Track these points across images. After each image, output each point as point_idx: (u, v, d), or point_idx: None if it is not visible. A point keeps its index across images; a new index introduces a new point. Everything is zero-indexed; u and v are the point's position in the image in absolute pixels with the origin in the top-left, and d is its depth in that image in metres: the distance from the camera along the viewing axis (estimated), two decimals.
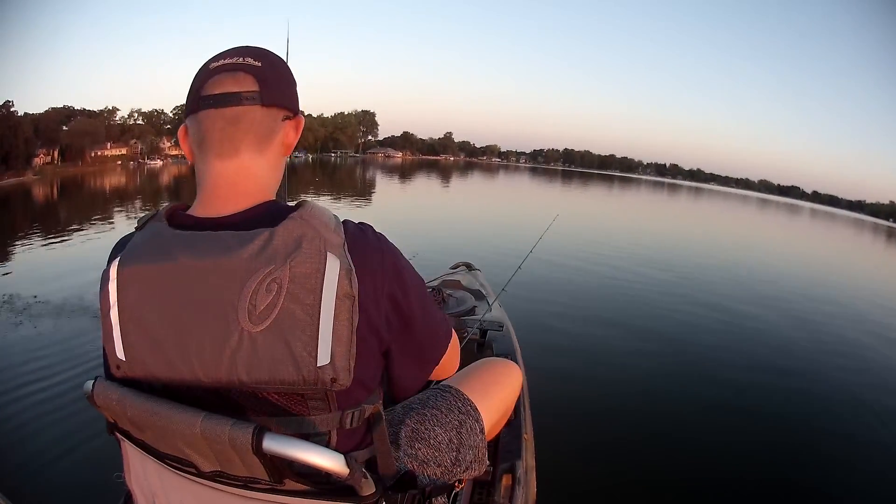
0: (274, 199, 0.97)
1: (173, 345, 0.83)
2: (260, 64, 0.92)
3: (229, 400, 0.86)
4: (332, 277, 0.80)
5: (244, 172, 0.92)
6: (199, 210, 0.92)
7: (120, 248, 0.91)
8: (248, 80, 0.90)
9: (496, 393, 1.52)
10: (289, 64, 1.03)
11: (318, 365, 0.79)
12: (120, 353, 0.87)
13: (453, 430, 1.32)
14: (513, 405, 1.65)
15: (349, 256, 0.83)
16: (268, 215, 0.86)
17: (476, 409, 1.39)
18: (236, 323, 0.79)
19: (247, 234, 0.82)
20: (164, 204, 0.97)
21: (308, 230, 0.82)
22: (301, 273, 0.79)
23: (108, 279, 0.88)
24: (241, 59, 0.92)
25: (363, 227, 0.92)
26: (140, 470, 0.97)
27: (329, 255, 0.81)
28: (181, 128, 0.96)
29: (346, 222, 0.90)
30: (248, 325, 0.79)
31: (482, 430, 1.38)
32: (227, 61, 0.92)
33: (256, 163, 0.93)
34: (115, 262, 0.88)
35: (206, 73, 0.92)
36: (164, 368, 0.84)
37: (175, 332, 0.82)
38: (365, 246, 0.88)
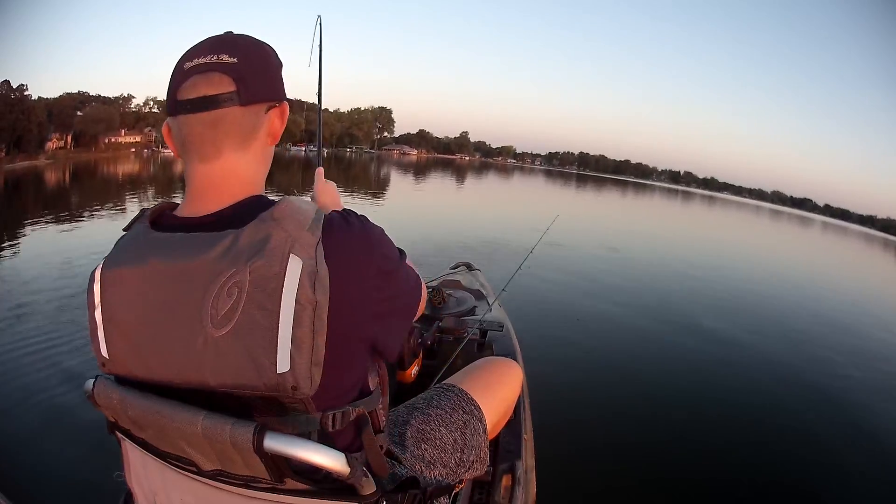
0: (261, 193, 0.94)
1: (148, 346, 0.84)
2: (235, 60, 0.88)
3: (210, 399, 0.83)
4: (292, 280, 0.77)
5: (228, 173, 0.91)
6: (184, 209, 0.92)
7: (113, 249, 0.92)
8: (224, 81, 0.87)
9: (498, 392, 1.53)
10: (322, 48, 1.07)
11: (278, 372, 0.77)
12: (104, 352, 0.88)
13: (458, 430, 1.33)
14: (514, 404, 1.65)
15: (323, 256, 0.80)
16: (245, 213, 0.84)
17: (480, 409, 1.40)
18: (200, 327, 0.79)
19: (216, 235, 0.82)
20: (155, 202, 0.95)
21: (275, 230, 0.80)
22: (261, 276, 0.77)
23: (94, 280, 0.90)
24: (214, 57, 0.88)
25: (346, 218, 0.88)
26: (140, 469, 0.97)
27: (292, 256, 0.78)
28: (164, 126, 0.94)
29: (329, 215, 0.86)
30: (211, 330, 0.78)
31: (485, 430, 1.39)
32: (200, 60, 0.88)
33: (240, 161, 0.92)
34: (101, 264, 0.90)
35: (180, 75, 0.88)
36: (142, 369, 0.85)
37: (149, 334, 0.83)
38: (347, 240, 0.85)
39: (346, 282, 0.82)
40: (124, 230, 0.93)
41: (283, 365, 0.76)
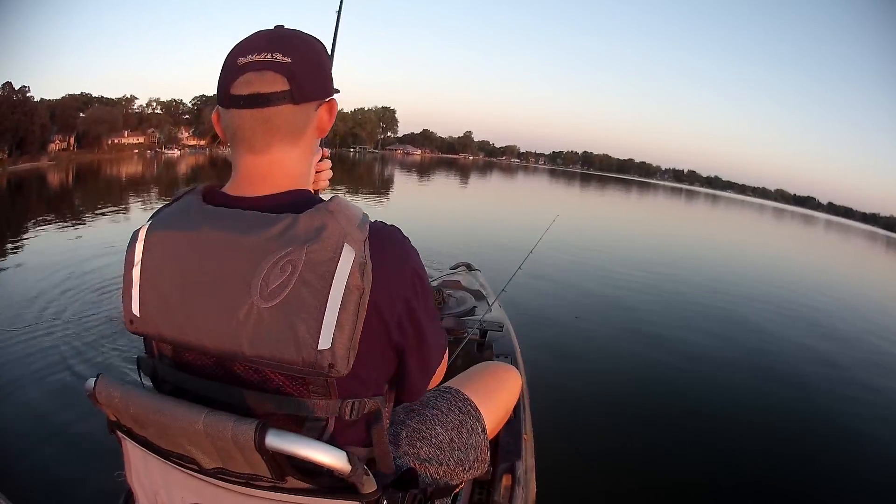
0: (306, 188, 0.98)
1: (183, 309, 0.87)
2: (290, 60, 0.90)
3: (233, 372, 0.88)
4: (344, 268, 0.82)
5: (276, 166, 0.94)
6: (232, 190, 0.95)
7: (155, 215, 0.95)
8: (279, 80, 0.89)
9: (496, 395, 1.54)
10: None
11: (319, 348, 0.81)
12: (135, 310, 0.91)
13: (454, 429, 1.32)
14: (511, 408, 1.66)
15: (369, 253, 0.84)
16: (296, 203, 0.89)
17: (476, 409, 1.40)
18: (247, 296, 0.82)
19: (272, 216, 0.86)
20: (204, 183, 0.99)
21: (331, 221, 0.84)
22: (316, 259, 0.82)
23: (137, 239, 0.93)
24: (269, 56, 0.90)
25: (392, 230, 0.93)
26: (142, 467, 0.99)
27: (346, 246, 0.83)
28: (214, 113, 0.98)
29: (375, 222, 0.91)
30: (258, 301, 0.82)
31: (484, 430, 1.39)
32: (255, 58, 0.90)
33: (289, 155, 0.95)
34: (146, 225, 0.93)
35: (234, 69, 0.91)
36: (173, 330, 0.88)
37: (187, 297, 0.87)
38: (391, 247, 0.89)
39: (383, 281, 0.86)
40: (173, 200, 0.96)
41: (324, 342, 0.80)
